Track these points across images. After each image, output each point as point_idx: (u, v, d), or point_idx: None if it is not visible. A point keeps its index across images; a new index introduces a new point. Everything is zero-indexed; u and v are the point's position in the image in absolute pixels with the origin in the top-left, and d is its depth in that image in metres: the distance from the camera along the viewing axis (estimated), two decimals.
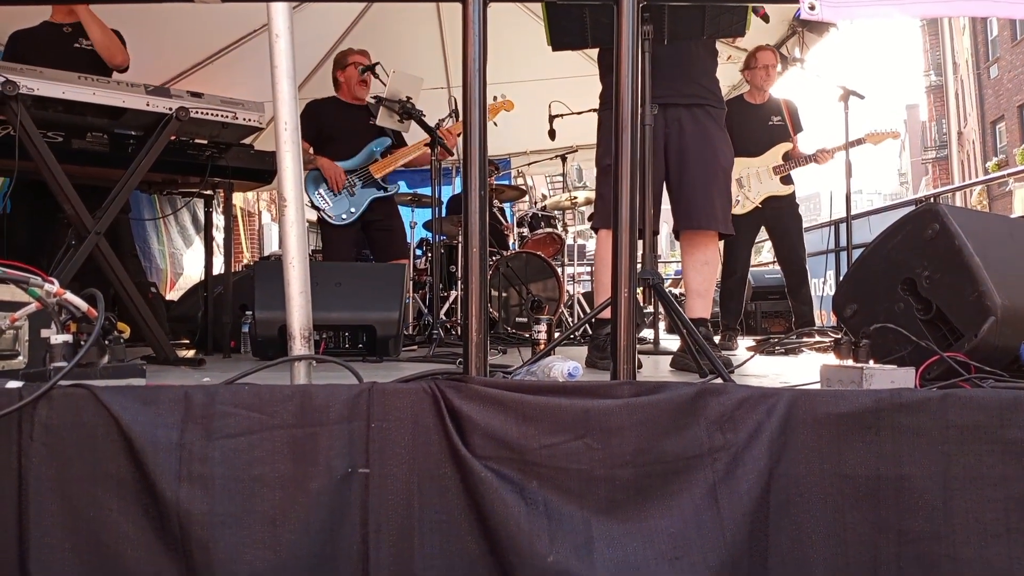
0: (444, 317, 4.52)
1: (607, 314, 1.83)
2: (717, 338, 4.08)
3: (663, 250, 19.77)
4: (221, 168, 3.03)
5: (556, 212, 5.98)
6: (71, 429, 1.32)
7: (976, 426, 1.41)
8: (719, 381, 1.71)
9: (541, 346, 2.61)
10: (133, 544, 1.31)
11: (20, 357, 1.72)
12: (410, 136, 4.42)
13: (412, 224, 5.25)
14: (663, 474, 1.40)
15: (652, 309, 4.08)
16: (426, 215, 5.31)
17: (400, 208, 4.78)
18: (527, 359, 2.00)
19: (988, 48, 23.10)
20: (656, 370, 2.79)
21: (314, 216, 4.10)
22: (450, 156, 4.21)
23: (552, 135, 5.18)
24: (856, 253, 3.86)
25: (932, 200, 6.91)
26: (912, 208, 2.05)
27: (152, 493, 1.31)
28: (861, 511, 1.41)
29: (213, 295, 3.28)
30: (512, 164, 7.40)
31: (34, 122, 2.42)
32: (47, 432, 1.32)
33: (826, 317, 6.18)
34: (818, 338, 3.83)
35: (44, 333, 1.51)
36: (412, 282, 4.91)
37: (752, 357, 2.84)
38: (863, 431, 1.42)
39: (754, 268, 6.19)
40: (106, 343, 1.50)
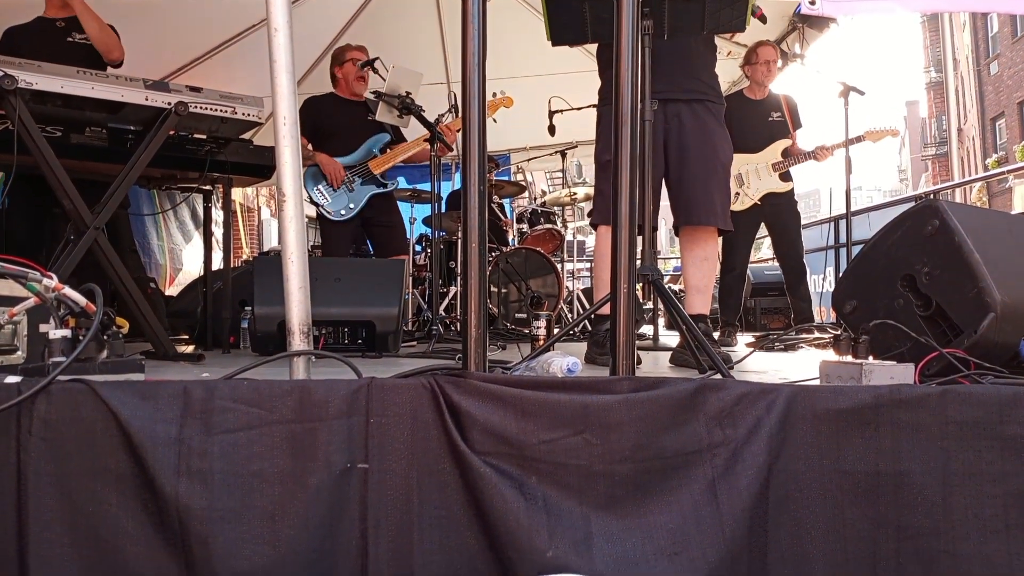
0: (443, 313, 4.53)
1: (606, 310, 1.83)
2: (716, 334, 4.08)
3: (662, 246, 19.79)
4: (220, 163, 3.02)
5: (556, 208, 5.98)
6: (70, 424, 1.32)
7: (975, 422, 1.41)
8: (718, 377, 1.71)
9: (540, 342, 2.61)
10: (132, 539, 1.31)
11: (19, 352, 1.72)
12: (409, 132, 4.41)
13: (411, 220, 5.24)
14: (662, 470, 1.40)
15: (651, 305, 4.07)
16: (425, 211, 5.32)
17: (399, 204, 4.77)
18: (526, 355, 2.00)
19: (988, 44, 23.05)
20: (655, 366, 2.79)
21: (313, 212, 4.10)
22: (449, 152, 4.20)
23: (552, 131, 5.19)
24: (856, 249, 3.87)
25: (932, 196, 6.91)
26: (912, 204, 2.05)
27: (151, 488, 1.31)
28: (860, 507, 1.41)
29: (212, 290, 3.28)
30: (512, 160, 7.39)
31: (32, 116, 2.41)
32: (46, 427, 1.32)
33: (825, 313, 6.18)
34: (817, 334, 3.82)
35: (43, 328, 1.50)
36: (411, 278, 4.91)
37: (751, 353, 2.84)
38: (862, 427, 1.42)
39: (753, 264, 6.19)
40: (105, 338, 1.50)
